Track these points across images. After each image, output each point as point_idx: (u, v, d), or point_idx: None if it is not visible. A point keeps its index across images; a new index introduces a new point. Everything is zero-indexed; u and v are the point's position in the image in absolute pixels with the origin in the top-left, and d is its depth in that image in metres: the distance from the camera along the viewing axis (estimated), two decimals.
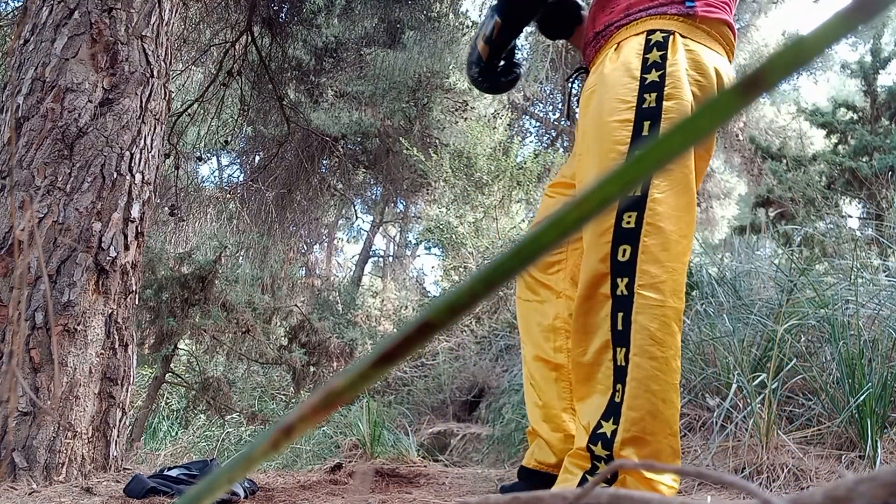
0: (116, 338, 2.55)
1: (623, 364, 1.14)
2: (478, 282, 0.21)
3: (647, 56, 1.17)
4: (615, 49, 1.23)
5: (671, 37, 1.18)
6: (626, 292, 1.15)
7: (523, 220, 9.42)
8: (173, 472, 2.31)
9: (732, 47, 1.28)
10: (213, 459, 2.88)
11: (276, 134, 7.39)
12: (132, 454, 4.38)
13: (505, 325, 6.44)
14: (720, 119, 0.20)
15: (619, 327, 1.14)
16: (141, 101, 2.69)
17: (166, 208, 6.66)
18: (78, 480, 2.26)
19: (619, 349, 1.14)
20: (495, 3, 1.39)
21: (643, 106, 1.13)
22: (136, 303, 2.73)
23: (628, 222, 1.15)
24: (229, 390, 5.84)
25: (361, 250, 15.41)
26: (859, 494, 0.25)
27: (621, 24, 1.23)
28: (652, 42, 1.18)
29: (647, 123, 1.13)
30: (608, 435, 1.13)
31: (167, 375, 5.99)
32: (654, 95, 1.13)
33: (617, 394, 1.13)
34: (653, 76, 1.15)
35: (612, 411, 1.13)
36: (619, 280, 1.16)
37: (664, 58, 1.15)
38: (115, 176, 2.56)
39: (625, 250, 1.15)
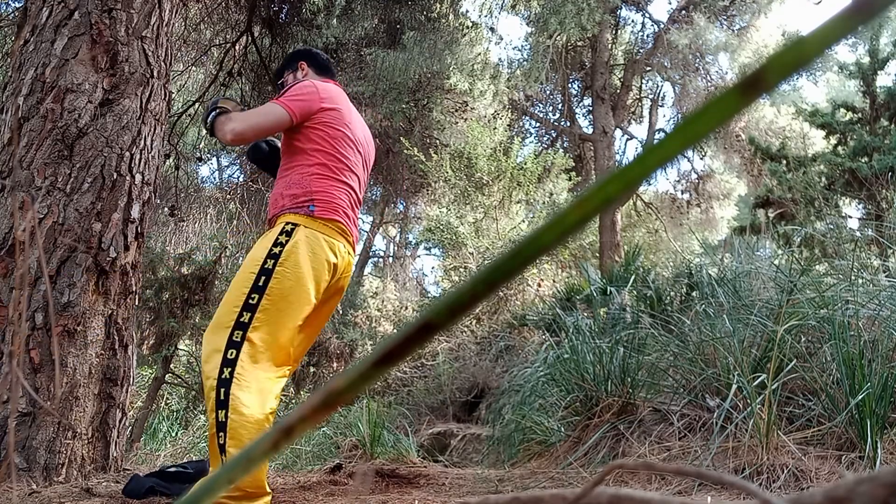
0: (116, 338, 2.54)
1: None
2: (478, 282, 0.22)
3: (278, 238, 1.91)
4: (271, 229, 2.01)
5: (297, 227, 1.93)
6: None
7: (523, 221, 9.42)
8: (170, 470, 2.31)
9: (347, 234, 2.04)
10: None
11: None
12: (132, 455, 4.38)
13: (505, 326, 6.44)
14: (720, 119, 0.20)
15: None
16: (141, 102, 2.69)
17: (166, 209, 6.66)
18: (78, 481, 2.26)
19: None
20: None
21: (264, 267, 1.86)
22: (136, 303, 2.73)
23: None
24: None
25: (361, 251, 15.43)
26: (859, 495, 0.25)
27: (276, 216, 2.02)
28: (284, 230, 1.92)
29: (262, 278, 1.84)
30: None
31: (167, 376, 5.99)
32: (272, 262, 1.86)
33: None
34: (276, 250, 1.89)
35: None
36: None
37: (287, 240, 1.90)
38: (115, 176, 2.56)
39: None
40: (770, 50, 11.10)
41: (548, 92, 14.34)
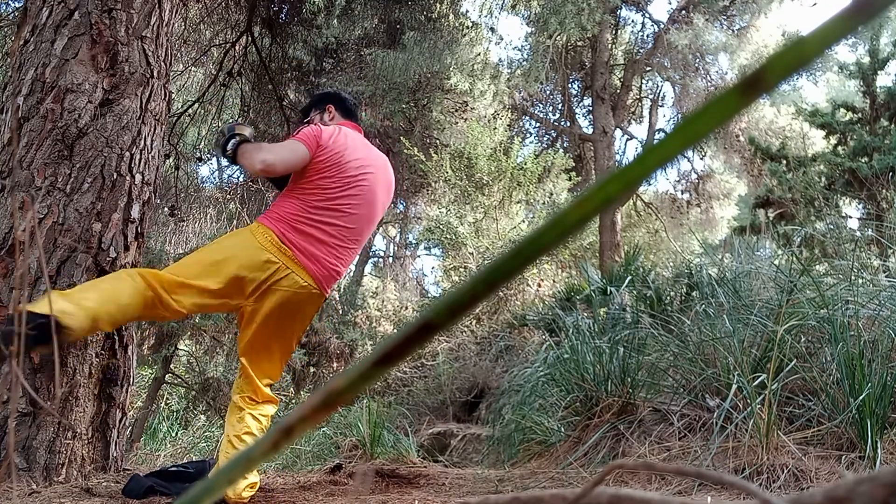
0: (116, 338, 2.55)
1: None
2: (478, 282, 0.22)
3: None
4: None
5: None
6: None
7: (523, 221, 9.42)
8: (171, 470, 2.32)
9: (283, 250, 2.11)
10: (212, 458, 2.88)
11: (277, 134, 7.38)
12: (132, 455, 4.38)
13: (505, 326, 6.44)
14: (720, 119, 0.20)
15: None
16: (141, 102, 2.69)
17: (166, 209, 6.65)
18: (78, 481, 2.26)
19: None
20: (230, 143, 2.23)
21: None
22: None
23: None
24: (229, 391, 5.84)
25: (361, 251, 15.42)
26: (859, 495, 0.25)
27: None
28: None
29: None
30: None
31: (167, 376, 6.00)
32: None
33: None
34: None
35: None
36: None
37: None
38: (115, 176, 2.56)
39: None
40: (770, 50, 11.10)
41: (548, 92, 14.34)
